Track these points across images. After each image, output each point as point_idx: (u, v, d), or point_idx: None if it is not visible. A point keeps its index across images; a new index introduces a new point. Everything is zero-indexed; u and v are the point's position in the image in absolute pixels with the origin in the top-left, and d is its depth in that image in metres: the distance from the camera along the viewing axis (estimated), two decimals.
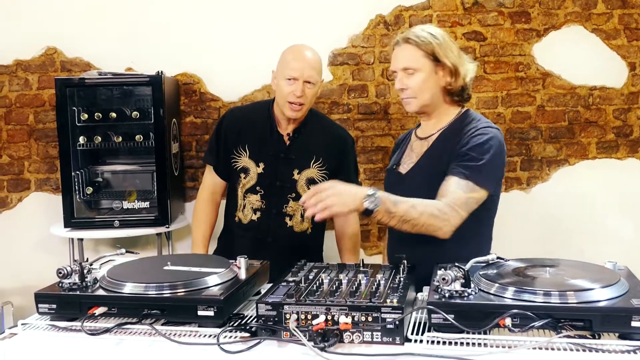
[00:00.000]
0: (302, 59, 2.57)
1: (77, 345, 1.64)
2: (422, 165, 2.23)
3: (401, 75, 2.23)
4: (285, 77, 2.54)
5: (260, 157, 2.64)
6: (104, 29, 3.76)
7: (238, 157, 2.66)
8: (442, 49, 2.17)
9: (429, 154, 2.23)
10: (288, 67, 2.55)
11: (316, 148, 2.67)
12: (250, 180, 2.64)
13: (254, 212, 2.65)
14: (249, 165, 2.64)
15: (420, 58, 2.18)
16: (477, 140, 2.12)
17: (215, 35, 3.75)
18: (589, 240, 3.66)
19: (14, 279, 3.80)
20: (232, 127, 2.71)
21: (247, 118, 2.72)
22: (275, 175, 2.63)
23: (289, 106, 2.56)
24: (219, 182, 2.79)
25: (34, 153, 3.86)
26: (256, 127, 2.68)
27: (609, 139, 3.73)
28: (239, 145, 2.66)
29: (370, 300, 1.59)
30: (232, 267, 1.88)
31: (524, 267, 1.80)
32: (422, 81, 2.19)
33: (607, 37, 3.67)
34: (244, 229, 2.69)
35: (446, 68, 2.18)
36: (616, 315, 1.50)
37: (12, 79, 3.82)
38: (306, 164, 2.65)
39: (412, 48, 2.19)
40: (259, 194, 2.64)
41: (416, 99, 2.22)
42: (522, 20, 3.69)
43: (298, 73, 2.53)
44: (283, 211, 2.66)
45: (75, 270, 1.78)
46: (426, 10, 3.70)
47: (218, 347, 1.56)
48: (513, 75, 3.72)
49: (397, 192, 2.06)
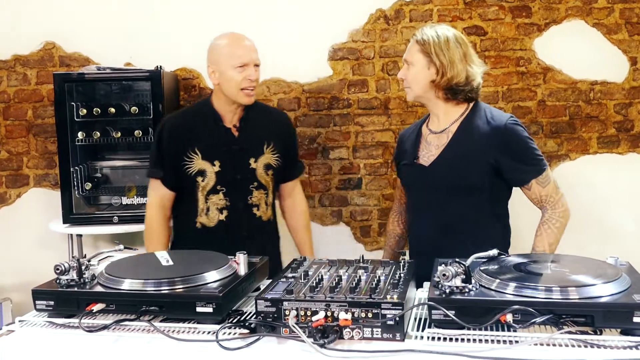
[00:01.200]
0: (244, 45, 2.58)
1: (75, 342, 1.63)
2: (447, 158, 2.36)
3: (404, 66, 2.43)
4: (234, 66, 2.53)
5: (214, 156, 2.60)
6: (102, 23, 3.75)
7: (190, 161, 2.59)
8: (438, 48, 2.32)
9: (453, 146, 2.36)
10: (235, 56, 2.54)
11: (265, 133, 2.68)
12: (209, 181, 2.59)
13: (220, 212, 2.61)
14: (204, 167, 2.59)
15: (416, 53, 2.37)
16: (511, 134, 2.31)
17: (214, 30, 3.71)
18: (590, 235, 3.65)
19: (13, 275, 3.80)
20: (175, 134, 2.62)
21: (189, 121, 2.66)
22: (234, 169, 2.61)
23: (243, 93, 2.56)
24: (168, 194, 2.66)
25: (32, 149, 3.85)
26: (201, 127, 2.63)
27: (610, 133, 3.72)
28: (188, 150, 2.59)
29: (370, 296, 1.58)
30: (231, 263, 1.87)
31: (525, 262, 1.79)
32: (414, 74, 2.37)
33: (608, 32, 3.66)
34: (211, 232, 2.62)
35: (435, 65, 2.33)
36: (618, 311, 1.49)
37: (11, 74, 3.80)
38: (260, 151, 2.65)
39: (414, 43, 2.38)
40: (221, 192, 2.60)
41: (410, 89, 2.41)
42: (522, 15, 3.68)
43: (247, 58, 2.55)
44: (249, 203, 2.64)
45: (73, 267, 1.77)
46: (427, 4, 3.69)
47: (217, 343, 1.55)
48: (514, 70, 3.70)
49: (420, 184, 2.42)
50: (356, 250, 3.81)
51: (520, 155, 2.31)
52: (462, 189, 2.33)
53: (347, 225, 3.86)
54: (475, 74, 2.36)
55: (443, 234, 2.35)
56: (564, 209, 2.33)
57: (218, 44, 2.60)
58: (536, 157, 2.32)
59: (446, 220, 2.36)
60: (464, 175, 2.32)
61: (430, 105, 2.43)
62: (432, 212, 2.39)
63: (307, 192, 3.83)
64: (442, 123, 2.41)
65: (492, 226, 2.38)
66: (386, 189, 3.80)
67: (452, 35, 2.35)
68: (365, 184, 3.82)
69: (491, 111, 2.39)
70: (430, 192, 2.38)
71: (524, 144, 2.32)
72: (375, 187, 3.82)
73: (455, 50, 2.32)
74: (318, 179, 3.83)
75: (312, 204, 3.84)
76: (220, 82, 2.57)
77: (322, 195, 3.85)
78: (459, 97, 2.36)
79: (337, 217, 3.86)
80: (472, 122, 2.36)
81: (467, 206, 2.33)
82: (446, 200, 2.35)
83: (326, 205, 3.85)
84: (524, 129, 2.36)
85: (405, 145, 2.53)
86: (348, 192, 3.83)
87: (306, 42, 3.75)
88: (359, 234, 3.86)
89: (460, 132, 2.36)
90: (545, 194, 2.32)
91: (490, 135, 2.31)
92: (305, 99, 3.78)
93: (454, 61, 2.31)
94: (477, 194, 2.33)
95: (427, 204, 2.42)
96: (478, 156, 2.31)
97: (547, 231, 2.31)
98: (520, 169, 2.31)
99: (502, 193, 2.40)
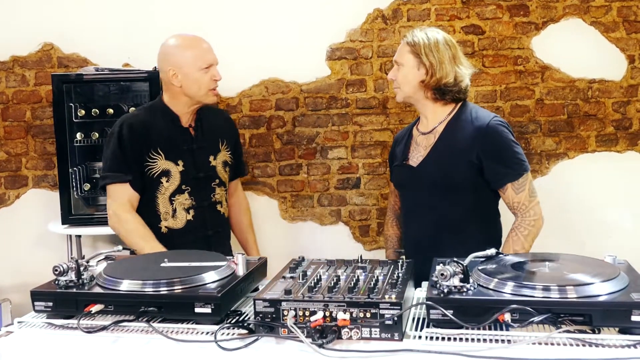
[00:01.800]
0: (205, 46, 2.61)
1: (73, 343, 1.63)
2: (433, 157, 2.39)
3: (394, 67, 2.47)
4: (199, 68, 2.54)
5: (177, 155, 2.59)
6: (101, 24, 3.74)
7: (153, 162, 2.56)
8: (427, 49, 2.36)
9: (439, 146, 2.39)
10: (201, 58, 2.55)
11: (218, 131, 2.72)
12: (173, 181, 2.57)
13: (187, 212, 2.60)
14: (168, 167, 2.57)
15: (406, 54, 2.41)
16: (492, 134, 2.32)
17: (212, 31, 3.71)
18: (588, 234, 3.65)
19: (12, 276, 3.79)
20: (136, 136, 2.56)
21: (148, 122, 2.60)
22: (196, 168, 2.61)
23: (211, 93, 2.59)
24: (135, 197, 2.56)
25: (31, 149, 3.85)
26: (161, 128, 2.60)
27: (609, 132, 3.72)
28: (150, 151, 2.55)
29: (368, 296, 1.58)
30: (230, 264, 1.87)
31: (523, 261, 1.79)
32: (404, 75, 2.42)
33: (606, 30, 3.66)
34: (179, 235, 2.59)
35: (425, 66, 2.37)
36: (616, 310, 1.49)
37: (9, 75, 3.80)
38: (217, 148, 2.69)
39: (404, 45, 2.43)
40: (186, 192, 2.59)
41: (400, 90, 2.45)
42: (520, 14, 3.68)
43: (212, 59, 2.59)
44: (213, 200, 2.66)
45: (71, 268, 1.77)
46: (424, 4, 3.69)
47: (215, 344, 1.55)
48: (512, 69, 3.70)
49: (410, 185, 2.46)
50: (355, 250, 3.81)
51: (498, 156, 2.31)
52: (448, 188, 2.35)
53: (345, 225, 3.87)
54: (464, 75, 2.40)
55: (433, 233, 2.38)
56: (536, 217, 2.32)
57: (178, 46, 2.57)
58: (516, 160, 2.32)
59: (435, 220, 2.38)
60: (449, 175, 2.34)
61: (419, 105, 2.47)
62: (422, 212, 2.42)
63: (306, 192, 3.84)
64: (431, 124, 2.45)
65: (481, 225, 2.40)
66: (385, 188, 3.80)
67: (442, 37, 2.40)
68: (364, 183, 3.82)
69: (477, 111, 2.42)
70: (420, 192, 2.42)
71: (505, 145, 2.32)
72: (374, 186, 3.82)
73: (445, 51, 2.37)
74: (317, 179, 3.84)
75: (310, 204, 3.85)
76: (183, 84, 2.55)
77: (321, 195, 3.85)
78: (447, 97, 2.40)
79: (335, 217, 3.86)
80: (457, 122, 2.40)
81: (455, 205, 2.35)
82: (434, 200, 2.38)
83: (325, 204, 3.85)
84: (509, 131, 2.36)
85: (398, 148, 2.58)
86: (347, 192, 3.84)
87: (304, 42, 3.75)
88: (357, 234, 3.87)
89: (446, 132, 2.40)
90: (518, 201, 2.32)
91: (473, 134, 2.33)
92: (303, 99, 3.79)
93: (443, 62, 2.35)
94: (464, 194, 2.35)
95: (417, 205, 2.46)
96: (462, 156, 2.33)
97: (513, 238, 2.32)
98: (496, 170, 2.32)
99: (490, 193, 2.39)
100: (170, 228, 2.59)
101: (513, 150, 2.32)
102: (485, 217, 2.42)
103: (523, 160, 2.33)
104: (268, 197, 3.87)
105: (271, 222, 3.85)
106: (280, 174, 3.84)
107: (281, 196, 3.86)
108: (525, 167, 2.33)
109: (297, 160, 3.83)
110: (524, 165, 2.33)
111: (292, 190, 3.85)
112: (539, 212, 2.33)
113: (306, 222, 3.87)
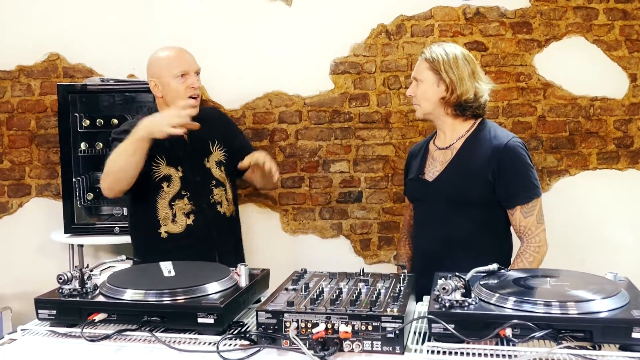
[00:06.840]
0: (181, 55, 2.62)
1: (76, 352, 1.64)
2: (449, 173, 2.39)
3: (413, 83, 2.46)
4: (174, 76, 2.57)
5: (176, 161, 2.63)
6: (106, 35, 3.77)
7: (157, 166, 2.61)
8: (447, 65, 2.35)
9: (455, 163, 2.40)
10: (175, 66, 2.57)
11: (210, 133, 2.71)
12: (174, 186, 2.61)
13: (186, 216, 2.62)
14: (169, 172, 2.62)
15: (425, 70, 2.40)
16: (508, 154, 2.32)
17: (217, 43, 3.76)
18: (589, 250, 3.65)
19: (14, 285, 3.79)
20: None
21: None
22: (193, 172, 2.65)
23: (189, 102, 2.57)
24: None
25: (35, 159, 3.86)
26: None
27: (610, 149, 3.74)
28: (155, 155, 2.59)
29: (370, 309, 1.59)
30: (233, 275, 1.88)
31: (524, 277, 1.80)
32: (423, 91, 2.41)
33: (608, 48, 3.68)
34: (179, 239, 2.62)
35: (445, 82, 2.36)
36: (617, 327, 1.50)
37: (15, 85, 3.82)
38: (210, 150, 2.71)
39: (423, 61, 2.42)
40: (185, 197, 2.62)
41: (419, 107, 2.45)
42: (523, 31, 3.70)
43: (188, 66, 2.59)
44: (212, 202, 2.67)
45: (75, 277, 1.78)
46: (428, 20, 3.71)
47: (218, 354, 1.56)
48: (514, 86, 3.72)
49: (424, 199, 2.46)
50: (356, 264, 3.81)
51: (511, 177, 2.31)
52: (462, 204, 2.35)
53: (347, 239, 3.87)
54: (483, 90, 2.40)
55: (445, 248, 2.38)
56: (541, 244, 2.33)
57: (157, 56, 2.64)
58: (528, 183, 2.32)
59: (447, 234, 2.38)
60: (464, 191, 2.35)
61: (438, 122, 2.47)
62: (434, 226, 2.42)
63: (308, 205, 3.84)
64: (448, 139, 2.46)
65: (492, 242, 2.40)
66: (386, 202, 3.81)
67: (460, 53, 2.39)
68: (366, 197, 3.83)
69: (495, 130, 2.42)
70: (433, 207, 2.42)
71: (520, 167, 2.32)
72: (376, 200, 3.83)
73: (464, 67, 2.36)
74: (318, 192, 3.85)
75: (312, 217, 3.85)
76: (163, 94, 2.61)
77: (323, 208, 3.86)
78: (467, 113, 2.40)
79: (337, 230, 3.87)
80: (476, 139, 2.40)
81: (467, 221, 2.36)
82: (448, 214, 2.38)
83: (326, 218, 3.86)
84: (526, 154, 2.36)
85: (414, 162, 2.58)
86: (348, 205, 3.84)
87: (308, 55, 3.77)
88: (359, 247, 3.87)
89: (464, 148, 2.40)
90: (525, 225, 2.33)
91: (490, 153, 2.33)
92: (306, 112, 3.80)
93: (463, 78, 2.34)
94: (477, 210, 2.35)
95: (429, 218, 2.45)
96: (478, 174, 2.33)
97: (519, 264, 2.32)
98: (508, 191, 2.32)
99: (503, 210, 2.39)
100: (170, 233, 2.62)
101: (527, 173, 2.33)
102: (496, 234, 2.42)
103: (536, 185, 2.34)
104: (270, 210, 3.87)
105: (273, 234, 3.86)
106: (282, 187, 3.85)
107: (283, 209, 3.87)
108: (536, 192, 2.33)
109: (299, 173, 3.84)
110: (536, 190, 2.33)
111: (293, 203, 3.86)
112: (543, 239, 2.34)
113: (307, 235, 3.88)
